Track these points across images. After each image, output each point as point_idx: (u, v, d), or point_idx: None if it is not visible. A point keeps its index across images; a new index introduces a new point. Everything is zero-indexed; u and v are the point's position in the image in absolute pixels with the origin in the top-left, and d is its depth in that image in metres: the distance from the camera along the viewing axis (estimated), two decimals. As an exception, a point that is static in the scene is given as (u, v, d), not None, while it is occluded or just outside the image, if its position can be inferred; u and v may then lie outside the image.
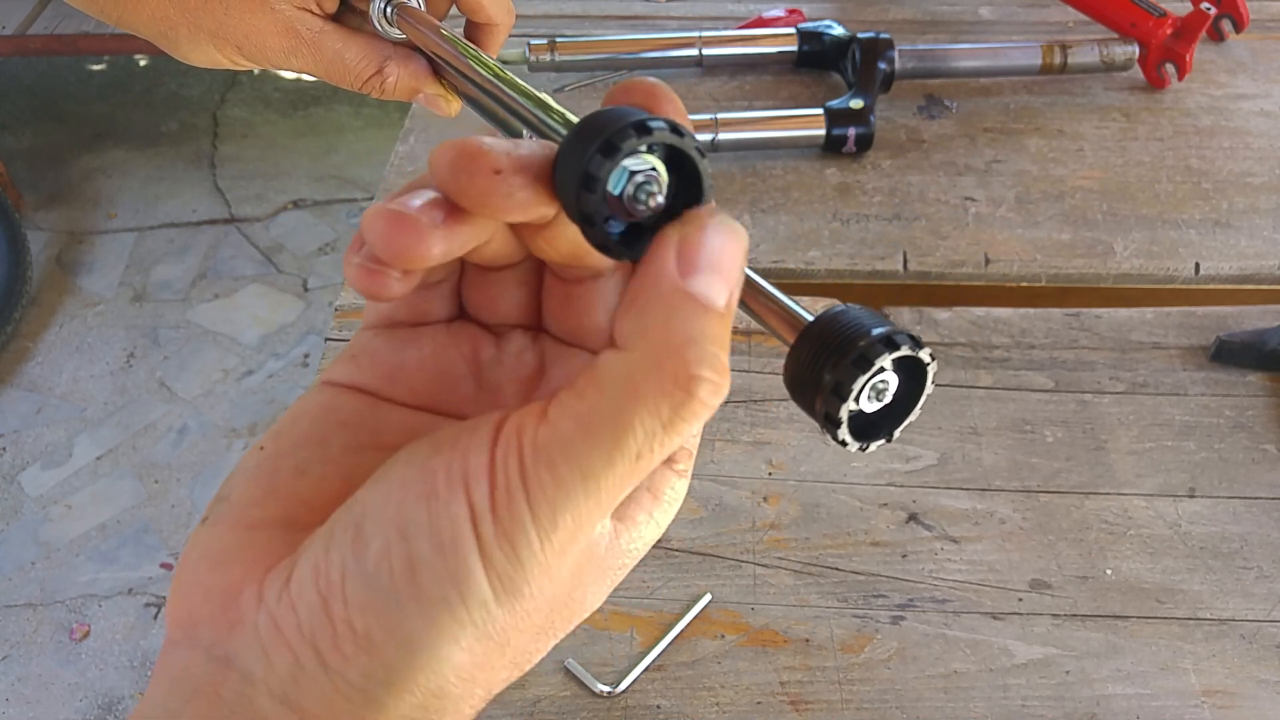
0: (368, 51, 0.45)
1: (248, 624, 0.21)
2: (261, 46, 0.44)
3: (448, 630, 0.20)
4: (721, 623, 0.55)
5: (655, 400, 0.20)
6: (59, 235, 2.19)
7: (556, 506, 0.20)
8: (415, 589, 0.20)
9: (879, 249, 0.76)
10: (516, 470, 0.20)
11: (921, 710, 0.52)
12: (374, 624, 0.20)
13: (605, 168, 0.21)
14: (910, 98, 0.89)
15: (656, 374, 0.20)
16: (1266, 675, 0.53)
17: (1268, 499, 0.60)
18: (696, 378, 0.20)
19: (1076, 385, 0.66)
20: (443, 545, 0.20)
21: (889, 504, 0.60)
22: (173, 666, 0.22)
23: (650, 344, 0.20)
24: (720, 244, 0.21)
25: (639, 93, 0.24)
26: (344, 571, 0.21)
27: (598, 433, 0.20)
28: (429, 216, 0.22)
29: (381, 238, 0.22)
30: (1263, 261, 0.75)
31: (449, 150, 0.22)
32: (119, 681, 1.48)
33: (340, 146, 2.41)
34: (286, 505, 0.23)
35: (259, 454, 0.24)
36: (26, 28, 2.16)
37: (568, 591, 0.23)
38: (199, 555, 0.23)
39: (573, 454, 0.20)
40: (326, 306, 2.02)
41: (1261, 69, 0.93)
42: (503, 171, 0.21)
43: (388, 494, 0.21)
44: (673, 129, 0.21)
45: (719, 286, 0.21)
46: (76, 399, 1.86)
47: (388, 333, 0.26)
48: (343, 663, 0.20)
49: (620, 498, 0.21)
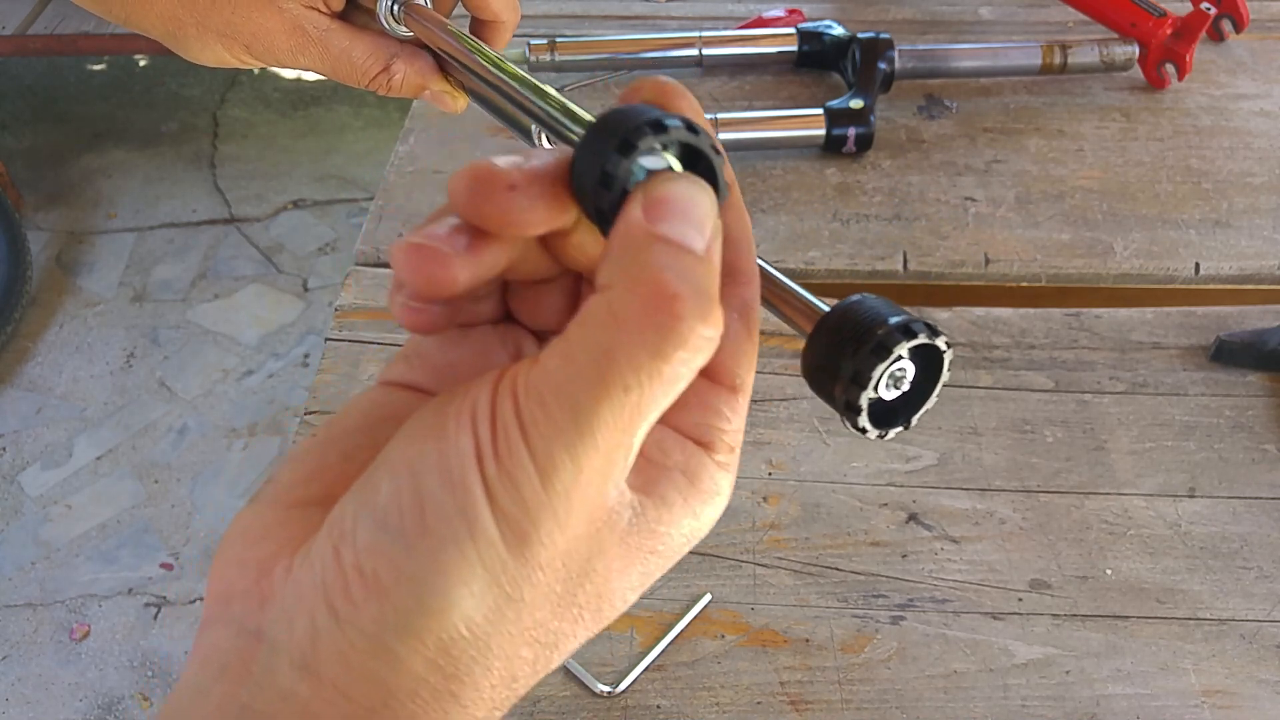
0: (374, 49, 0.45)
1: (277, 597, 0.21)
2: (269, 45, 0.44)
3: (456, 570, 0.20)
4: (721, 623, 0.55)
5: (638, 326, 0.20)
6: (59, 235, 2.19)
7: (551, 444, 0.20)
8: (422, 526, 0.20)
9: (879, 249, 0.76)
10: (511, 409, 0.21)
11: (921, 710, 0.52)
12: (382, 566, 0.20)
13: (622, 166, 0.21)
14: (910, 98, 0.89)
15: (637, 299, 0.20)
16: (1266, 675, 0.53)
17: (1268, 499, 0.60)
18: (678, 296, 0.20)
19: (1076, 385, 0.66)
20: (451, 480, 0.20)
21: (889, 504, 0.60)
22: (205, 644, 0.22)
23: (627, 278, 0.21)
24: (686, 194, 0.22)
25: (653, 91, 0.24)
26: (355, 518, 0.21)
27: (582, 365, 0.20)
28: (451, 245, 0.22)
29: (408, 271, 0.22)
30: (1263, 261, 0.75)
31: (464, 176, 0.22)
32: (119, 681, 1.48)
33: (340, 146, 2.41)
34: (329, 486, 0.24)
35: (311, 440, 0.25)
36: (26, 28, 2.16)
37: (585, 557, 0.22)
38: (238, 532, 0.23)
39: (560, 388, 0.20)
40: (326, 306, 2.02)
41: (1261, 69, 0.93)
42: (517, 187, 0.22)
43: (399, 442, 0.22)
44: (688, 127, 0.22)
45: (691, 233, 0.21)
46: (76, 399, 1.86)
47: (438, 334, 0.27)
48: (353, 611, 0.20)
49: (624, 445, 0.21)
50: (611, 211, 0.22)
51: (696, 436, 0.25)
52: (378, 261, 0.76)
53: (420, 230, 0.23)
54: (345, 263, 2.08)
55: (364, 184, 2.30)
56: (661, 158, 0.22)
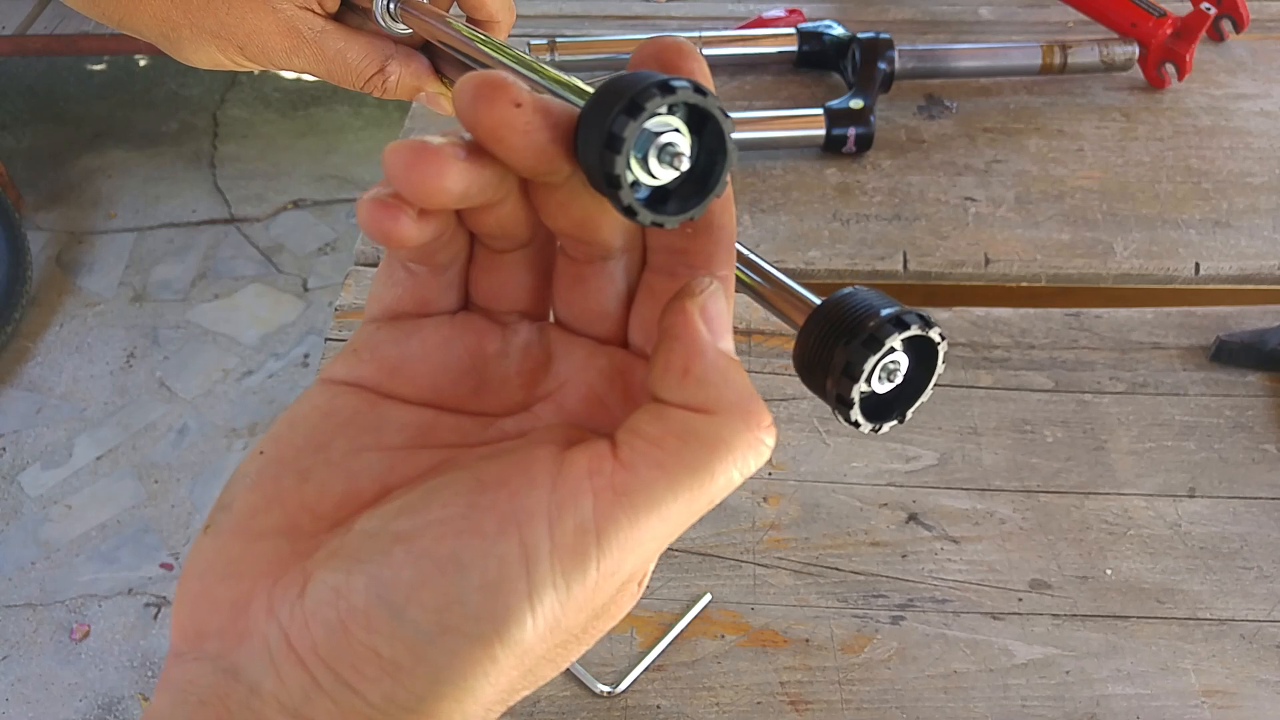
0: (370, 51, 0.45)
1: (256, 636, 0.21)
2: (263, 47, 0.44)
3: (480, 665, 0.20)
4: (721, 623, 0.55)
5: (743, 452, 0.22)
6: (59, 235, 2.19)
7: (626, 548, 0.21)
8: (449, 626, 0.20)
9: (879, 249, 0.76)
10: (590, 510, 0.21)
11: (921, 710, 0.52)
12: (402, 653, 0.20)
13: (630, 127, 0.21)
14: (910, 98, 0.89)
15: (745, 430, 0.22)
16: (1266, 675, 0.53)
17: (1268, 499, 0.60)
18: (771, 428, 0.23)
19: (1076, 385, 0.66)
20: (487, 585, 0.20)
21: (889, 504, 0.60)
22: (179, 678, 0.21)
23: (728, 406, 0.22)
24: (723, 306, 0.24)
25: (663, 50, 0.24)
26: (369, 600, 0.20)
27: (685, 481, 0.21)
28: (451, 149, 0.22)
29: (403, 168, 0.21)
30: (1263, 261, 0.75)
31: (473, 79, 0.21)
32: (119, 681, 1.48)
33: (340, 146, 2.41)
34: (290, 513, 0.23)
35: (259, 459, 0.24)
36: (26, 28, 2.16)
37: (593, 618, 0.23)
38: (204, 567, 0.23)
39: (656, 499, 0.21)
40: (326, 306, 2.02)
41: (1261, 69, 0.93)
42: (524, 105, 0.21)
43: (425, 527, 0.21)
44: (696, 89, 0.21)
45: (732, 342, 0.24)
46: (76, 399, 1.86)
47: (390, 325, 0.26)
48: (364, 684, 0.20)
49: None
50: (617, 179, 0.21)
51: None
52: (377, 261, 0.76)
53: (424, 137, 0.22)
54: (345, 263, 2.08)
55: (364, 184, 2.30)
56: (668, 121, 0.22)
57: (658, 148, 0.22)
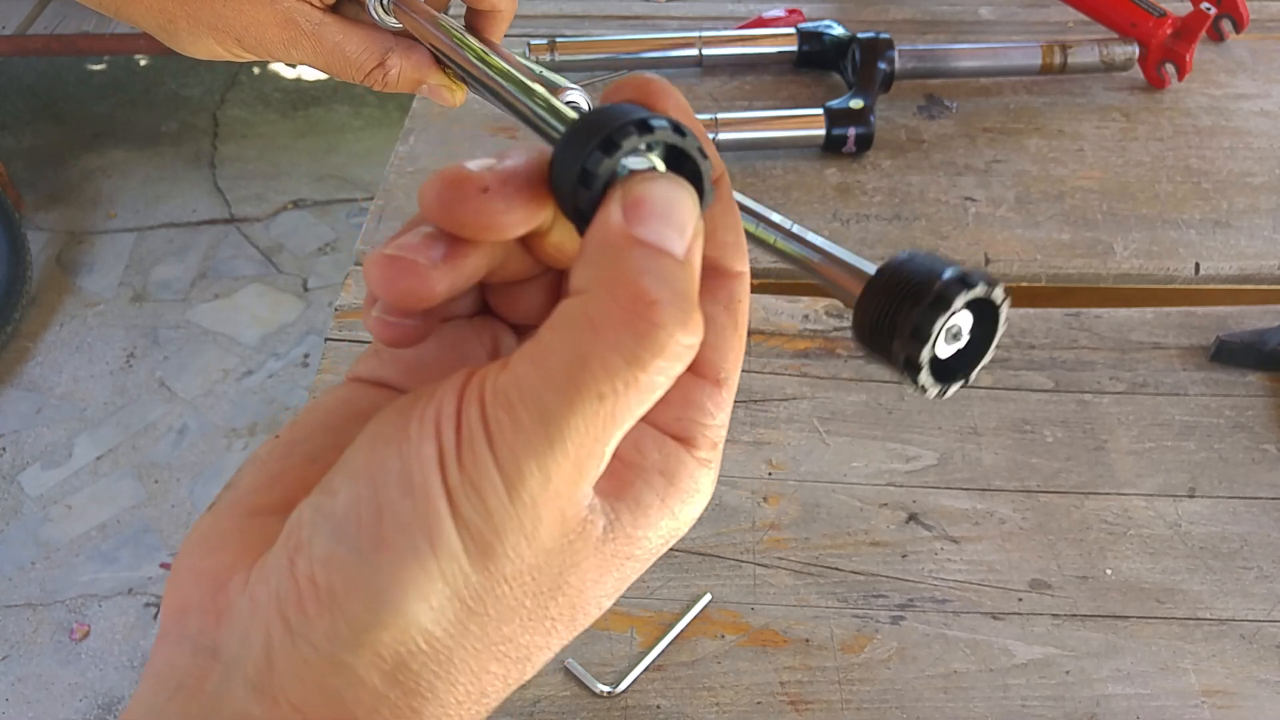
0: (369, 43, 0.44)
1: (233, 611, 0.20)
2: (261, 38, 0.44)
3: (414, 583, 0.19)
4: (721, 623, 0.55)
5: (615, 332, 0.19)
6: (59, 235, 2.19)
7: (518, 452, 0.19)
8: (381, 538, 0.19)
9: (879, 249, 0.76)
10: (478, 415, 0.20)
11: (921, 710, 0.52)
12: (336, 578, 0.19)
13: (604, 165, 0.21)
14: (910, 98, 0.89)
15: (614, 304, 0.19)
16: (1266, 675, 0.53)
17: (1268, 499, 0.60)
18: (656, 302, 0.19)
19: (1076, 385, 0.66)
20: (412, 488, 0.19)
21: (889, 504, 0.60)
22: (159, 661, 0.21)
23: (604, 282, 0.20)
24: (666, 195, 0.21)
25: (637, 89, 0.23)
26: (312, 527, 0.20)
27: (554, 371, 0.19)
28: (427, 255, 0.21)
29: (381, 285, 0.21)
30: (1263, 261, 0.75)
31: (435, 182, 0.21)
32: (119, 681, 1.48)
33: (340, 146, 2.41)
34: (290, 491, 0.23)
35: (273, 442, 0.24)
36: (26, 28, 2.16)
37: (557, 571, 0.21)
38: (196, 541, 0.22)
39: (529, 394, 0.19)
40: (326, 306, 2.02)
41: (1261, 69, 0.93)
42: (490, 189, 0.21)
43: (359, 445, 0.21)
44: (675, 128, 0.21)
45: (671, 235, 0.20)
46: (76, 399, 1.86)
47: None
48: (307, 625, 0.19)
49: (595, 454, 0.20)
50: (590, 211, 0.21)
51: (676, 432, 0.24)
52: (378, 261, 0.76)
53: (393, 241, 0.22)
54: (345, 263, 2.08)
55: (364, 184, 2.30)
56: (645, 158, 0.21)
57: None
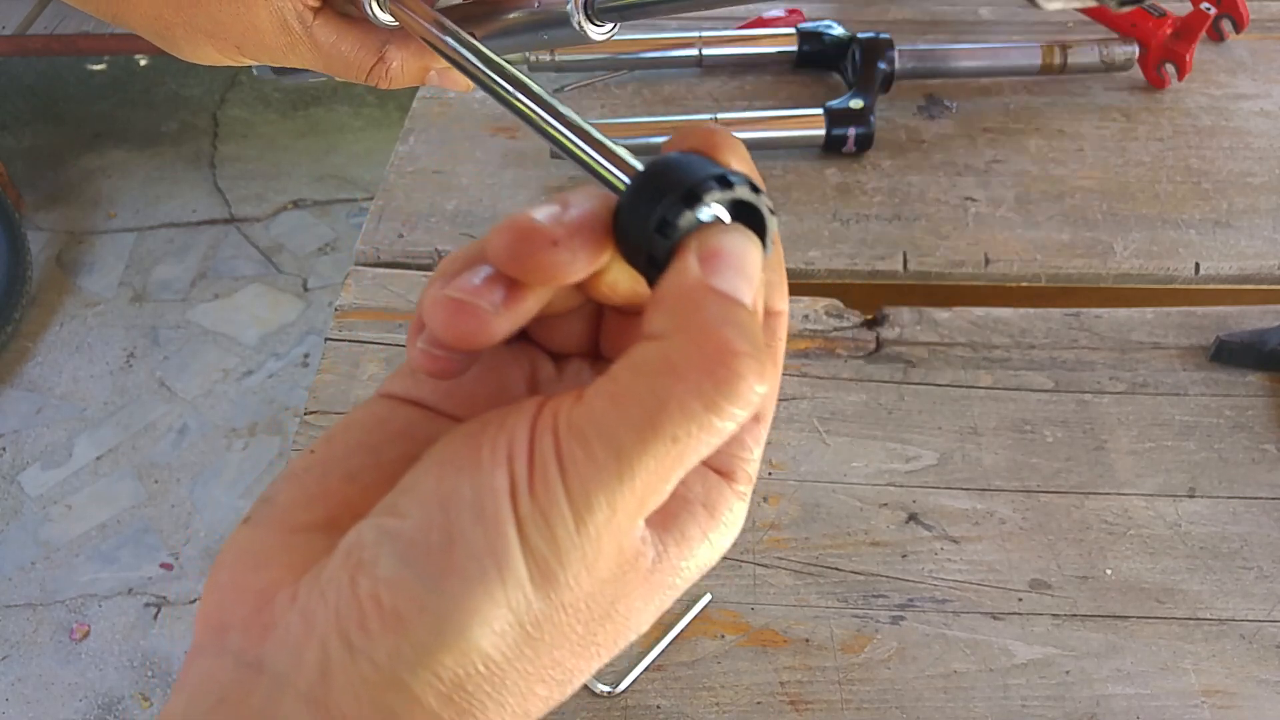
0: (364, 40, 0.43)
1: (281, 626, 0.20)
2: (259, 43, 0.43)
3: (481, 610, 0.20)
4: (721, 623, 0.55)
5: (696, 378, 0.20)
6: (59, 235, 2.19)
7: (589, 486, 0.20)
8: (450, 564, 0.20)
9: (879, 249, 0.76)
10: (551, 446, 0.20)
11: (921, 710, 0.52)
12: (403, 600, 0.20)
13: (686, 217, 0.21)
14: (910, 98, 0.89)
15: (697, 352, 0.20)
16: (1266, 675, 0.53)
17: (1268, 499, 0.60)
18: (738, 353, 0.20)
19: (1076, 385, 0.66)
20: (484, 516, 0.20)
21: (889, 504, 0.60)
22: (196, 674, 0.21)
23: (687, 329, 0.20)
24: (739, 247, 0.22)
25: (703, 139, 0.24)
26: (377, 548, 0.20)
27: (631, 409, 0.20)
28: (489, 300, 0.22)
29: (444, 327, 0.22)
30: (1263, 261, 0.75)
31: (505, 234, 0.22)
32: (119, 681, 1.48)
33: (340, 146, 2.41)
34: (332, 510, 0.23)
35: (309, 458, 0.24)
36: (26, 28, 2.16)
37: (610, 600, 0.22)
38: (236, 556, 0.22)
39: (605, 430, 0.20)
40: (326, 306, 2.02)
41: (1261, 69, 0.93)
42: (560, 243, 0.22)
43: (427, 470, 0.21)
44: (752, 187, 0.22)
45: (743, 286, 0.21)
46: (76, 399, 1.86)
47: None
48: (369, 642, 0.20)
49: (659, 491, 0.21)
50: (665, 259, 0.22)
51: (718, 466, 0.24)
52: (378, 261, 0.76)
53: (454, 282, 0.22)
54: (345, 263, 2.08)
55: (364, 184, 2.30)
56: (713, 210, 0.22)
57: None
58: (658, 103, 0.90)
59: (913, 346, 0.69)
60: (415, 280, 0.73)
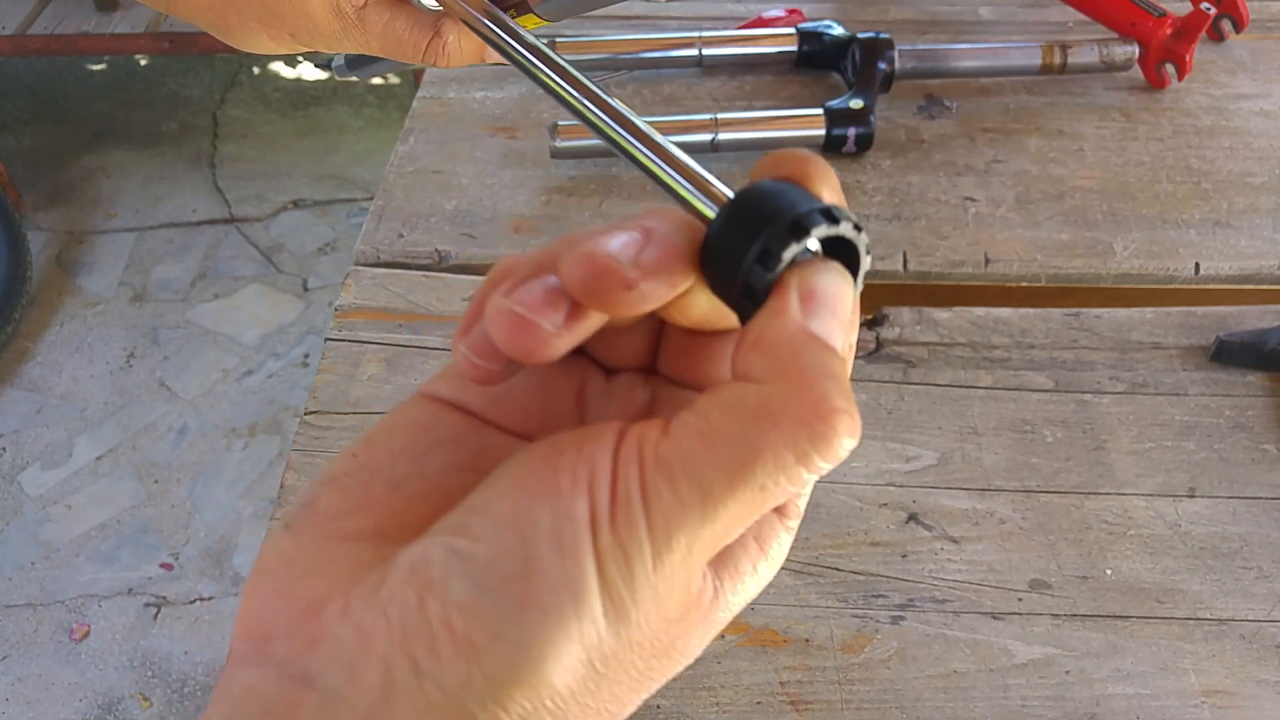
0: (418, 18, 0.42)
1: (330, 639, 0.20)
2: (313, 30, 0.42)
3: (555, 644, 0.19)
4: (721, 623, 0.55)
5: (793, 430, 0.19)
6: (59, 235, 2.19)
7: (672, 523, 0.19)
8: (528, 594, 0.19)
9: (879, 249, 0.76)
10: (636, 479, 0.20)
11: (921, 710, 0.52)
12: (476, 627, 0.19)
13: (792, 249, 0.21)
14: (910, 98, 0.89)
15: (797, 403, 0.20)
16: (1266, 675, 0.53)
17: (1268, 499, 0.60)
18: (836, 410, 0.20)
19: (1076, 385, 0.66)
20: (562, 546, 0.19)
21: (889, 504, 0.60)
22: (237, 685, 0.20)
23: (787, 376, 0.20)
24: (836, 290, 0.21)
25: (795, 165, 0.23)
26: (447, 570, 0.20)
27: (723, 453, 0.19)
28: (551, 320, 0.21)
29: (504, 338, 0.21)
30: (1263, 261, 0.75)
31: (580, 265, 0.21)
32: (119, 681, 1.48)
33: (340, 146, 2.41)
34: (379, 518, 0.22)
35: (350, 461, 0.23)
36: (26, 28, 2.16)
37: (671, 638, 0.21)
38: (280, 564, 0.22)
39: (694, 469, 0.19)
40: (326, 306, 2.02)
41: (1261, 69, 0.93)
42: (634, 286, 0.21)
43: (502, 493, 0.20)
44: (855, 225, 0.22)
45: (837, 330, 0.21)
46: (76, 399, 1.86)
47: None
48: (438, 667, 0.19)
49: (734, 533, 0.20)
50: (763, 292, 0.21)
51: None
52: (378, 261, 0.76)
53: (517, 294, 0.22)
54: (345, 263, 2.08)
55: (364, 184, 2.30)
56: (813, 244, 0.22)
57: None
58: (658, 103, 0.90)
59: (913, 346, 0.69)
60: (415, 280, 0.73)
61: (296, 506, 0.23)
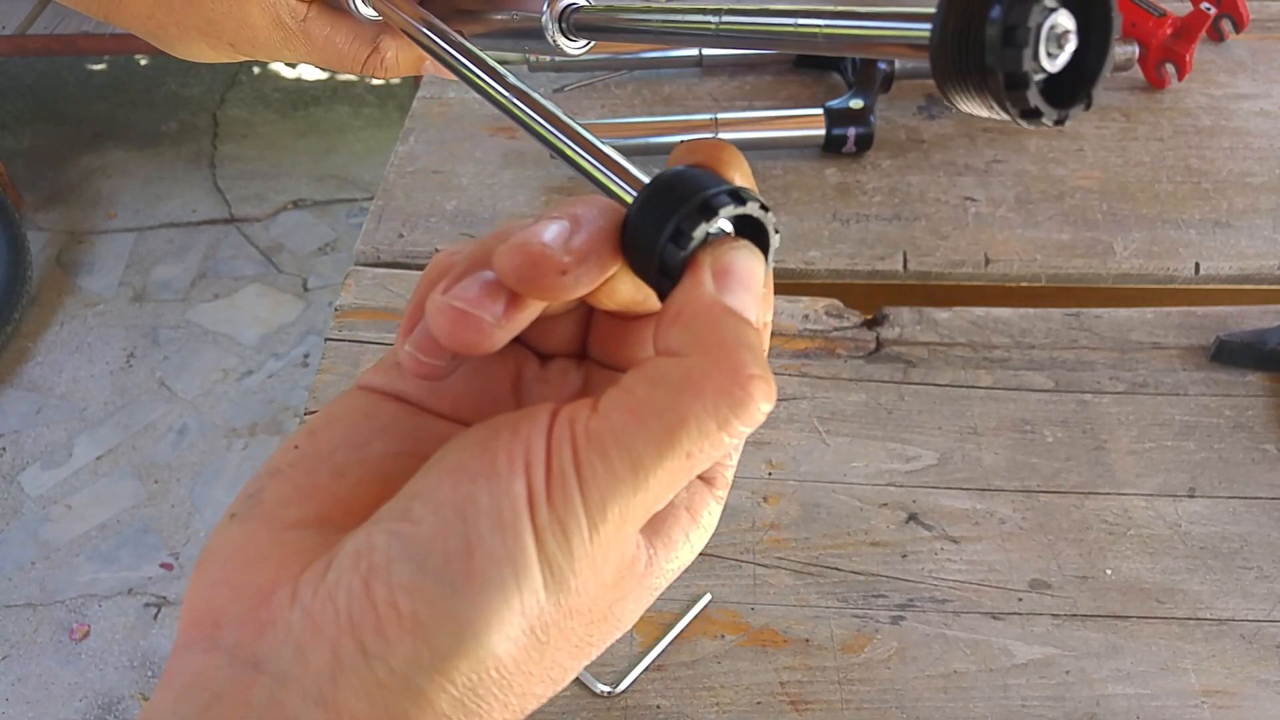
0: (358, 31, 0.42)
1: (279, 625, 0.20)
2: (253, 40, 0.42)
3: (498, 616, 0.20)
4: (721, 623, 0.55)
5: (714, 398, 0.21)
6: (59, 235, 2.19)
7: (606, 495, 0.20)
8: (470, 571, 0.20)
9: (879, 249, 0.76)
10: (570, 457, 0.21)
11: (921, 710, 0.52)
12: (422, 605, 0.20)
13: (701, 228, 0.22)
14: (910, 98, 0.89)
15: (715, 372, 0.21)
16: (1266, 675, 0.53)
17: (1268, 499, 0.60)
18: (753, 377, 0.21)
19: (1076, 385, 0.66)
20: (502, 524, 0.20)
21: (889, 504, 0.60)
22: (186, 672, 0.21)
23: (705, 348, 0.21)
24: (749, 265, 0.23)
25: (708, 153, 0.24)
26: (390, 554, 0.20)
27: (650, 424, 0.21)
28: (490, 312, 0.22)
29: (447, 334, 0.22)
30: (1263, 261, 0.75)
31: (513, 256, 0.22)
32: (119, 681, 1.48)
33: (340, 146, 2.41)
34: (323, 506, 0.23)
35: (293, 453, 0.24)
36: (26, 28, 2.16)
37: (609, 603, 0.23)
38: (227, 553, 0.22)
39: (624, 442, 0.20)
40: (326, 306, 2.02)
41: (1261, 69, 0.93)
42: (569, 271, 0.22)
43: (442, 477, 0.21)
44: (761, 205, 0.23)
45: (751, 303, 0.22)
46: (76, 399, 1.86)
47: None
48: (385, 647, 0.20)
49: (664, 500, 0.22)
50: (677, 270, 0.22)
51: (702, 474, 0.25)
52: (377, 261, 0.76)
53: (456, 289, 0.23)
54: (345, 263, 2.08)
55: (364, 184, 2.30)
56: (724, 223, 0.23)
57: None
58: (658, 103, 0.90)
59: (913, 346, 0.69)
60: (415, 280, 0.73)
61: (243, 497, 0.24)
